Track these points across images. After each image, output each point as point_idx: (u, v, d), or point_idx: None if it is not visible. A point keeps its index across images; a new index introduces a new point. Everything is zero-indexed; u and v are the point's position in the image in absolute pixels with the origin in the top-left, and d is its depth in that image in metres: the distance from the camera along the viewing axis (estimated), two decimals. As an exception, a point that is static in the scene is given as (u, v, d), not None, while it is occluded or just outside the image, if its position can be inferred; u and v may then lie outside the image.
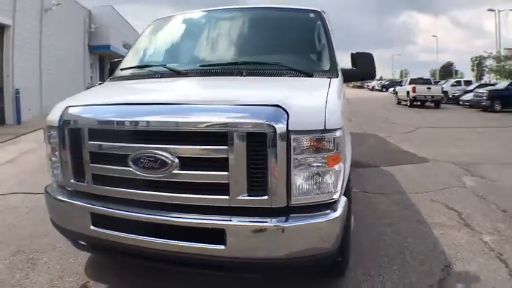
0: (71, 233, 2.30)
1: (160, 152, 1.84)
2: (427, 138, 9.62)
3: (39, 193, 4.64)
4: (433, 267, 2.76)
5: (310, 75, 2.56)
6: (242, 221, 1.80)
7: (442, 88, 24.99)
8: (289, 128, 1.76)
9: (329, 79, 2.55)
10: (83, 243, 2.30)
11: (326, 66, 2.77)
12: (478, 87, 25.60)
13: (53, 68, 14.97)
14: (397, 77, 76.16)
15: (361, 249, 2.96)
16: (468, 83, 30.65)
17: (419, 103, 22.78)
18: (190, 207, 1.88)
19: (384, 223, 3.67)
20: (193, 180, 1.85)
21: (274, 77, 2.52)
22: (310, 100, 2.02)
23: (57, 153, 2.25)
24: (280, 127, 1.75)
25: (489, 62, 39.53)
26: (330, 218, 1.87)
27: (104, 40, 20.50)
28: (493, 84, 26.66)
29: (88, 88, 15.75)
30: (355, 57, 2.96)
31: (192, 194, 1.87)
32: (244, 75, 2.51)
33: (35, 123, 11.02)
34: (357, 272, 2.66)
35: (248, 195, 1.81)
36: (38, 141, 9.28)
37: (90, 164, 2.07)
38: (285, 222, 1.80)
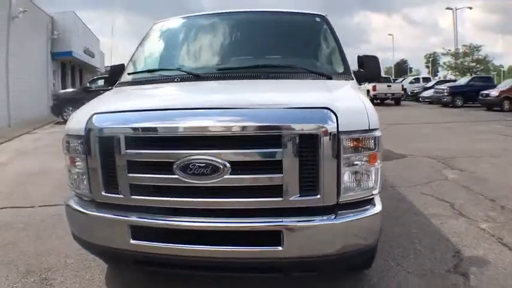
0: (103, 250, 2.17)
1: (211, 158, 1.83)
2: (398, 135, 10.11)
3: (29, 207, 4.50)
4: (444, 254, 2.98)
5: (329, 78, 2.68)
6: (299, 221, 1.87)
7: (403, 86, 26.42)
8: (339, 129, 1.86)
9: (348, 81, 2.71)
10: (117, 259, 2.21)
11: (340, 68, 2.91)
12: (437, 83, 27.33)
13: (20, 77, 14.50)
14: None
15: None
16: (426, 80, 32.60)
17: (379, 101, 23.85)
18: (242, 212, 1.91)
19: (384, 216, 3.89)
20: (246, 184, 1.88)
21: (298, 80, 2.61)
22: (350, 102, 2.13)
23: (82, 164, 2.14)
24: (332, 128, 1.85)
25: (447, 59, 42.07)
26: (375, 213, 2.00)
27: (66, 46, 20.52)
28: (451, 81, 28.57)
29: (55, 95, 15.12)
30: (363, 60, 3.12)
31: (244, 198, 1.90)
32: (268, 79, 2.59)
33: (5, 134, 10.40)
34: (376, 263, 2.81)
35: (300, 196, 1.88)
36: (9, 151, 8.79)
37: (128, 174, 1.98)
38: (338, 219, 1.90)
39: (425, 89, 26.79)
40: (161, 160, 1.93)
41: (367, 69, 3.08)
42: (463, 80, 24.87)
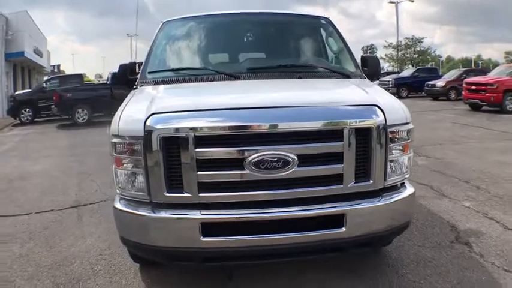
0: (166, 251, 2.21)
1: (282, 153, 2.05)
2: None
3: (25, 214, 4.35)
4: (442, 228, 3.51)
5: (348, 77, 3.04)
6: (359, 204, 2.19)
7: (348, 78, 27.96)
8: (387, 123, 2.21)
9: (364, 79, 3.09)
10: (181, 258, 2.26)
11: (352, 67, 3.27)
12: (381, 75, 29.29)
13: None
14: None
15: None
16: (369, 72, 34.64)
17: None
18: (306, 200, 2.17)
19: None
20: (312, 175, 2.15)
21: (324, 79, 2.94)
22: (388, 99, 2.48)
23: (138, 165, 2.17)
24: (381, 123, 2.19)
25: (388, 51, 45.08)
26: (411, 193, 2.40)
27: (19, 47, 19.99)
28: (393, 73, 30.71)
29: (12, 97, 14.27)
30: (366, 60, 3.49)
31: (310, 187, 2.16)
32: (295, 78, 2.86)
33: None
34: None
35: (355, 182, 2.20)
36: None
37: (197, 173, 2.07)
38: (386, 200, 2.26)
39: (369, 80, 28.50)
40: (232, 157, 2.08)
41: (370, 68, 3.45)
42: (407, 72, 26.86)
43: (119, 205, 2.31)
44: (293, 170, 2.09)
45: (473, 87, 14.13)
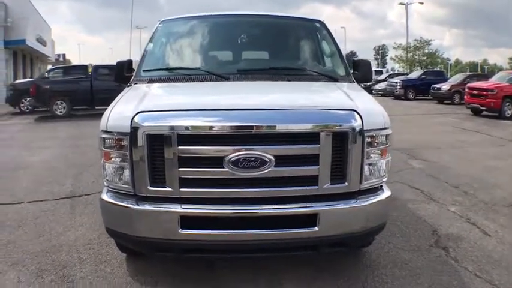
0: (148, 241, 2.34)
1: (260, 153, 2.19)
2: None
3: (17, 203, 4.48)
4: (424, 232, 3.63)
5: (336, 80, 3.15)
6: (332, 205, 2.33)
7: (356, 77, 27.94)
8: (364, 128, 2.33)
9: (352, 83, 3.21)
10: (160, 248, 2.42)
11: (342, 71, 3.38)
12: (389, 77, 29.24)
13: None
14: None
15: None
16: (379, 72, 34.63)
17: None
18: (281, 199, 2.31)
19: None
20: (288, 175, 2.28)
21: (313, 82, 3.08)
22: (368, 104, 2.60)
23: (124, 160, 2.32)
24: (358, 127, 2.31)
25: (398, 53, 44.91)
26: (387, 196, 2.52)
27: (20, 34, 20.05)
28: (402, 74, 30.65)
29: (12, 85, 14.44)
30: (357, 64, 3.59)
31: (286, 187, 2.30)
32: (284, 80, 3.00)
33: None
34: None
35: (331, 184, 2.33)
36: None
37: (179, 169, 2.22)
38: (360, 202, 2.38)
39: (378, 81, 28.45)
40: (212, 155, 2.22)
41: (361, 72, 3.57)
42: (415, 74, 26.86)
43: (105, 197, 2.46)
44: (270, 169, 2.22)
45: (475, 92, 14.22)
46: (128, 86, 3.16)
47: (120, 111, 2.47)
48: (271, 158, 2.22)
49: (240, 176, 2.24)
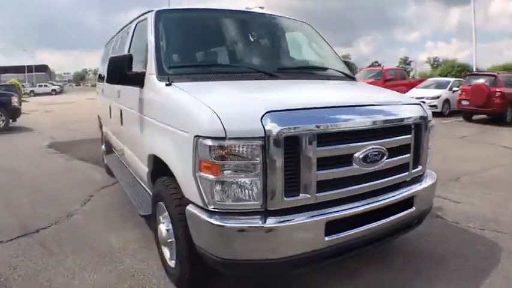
0: (286, 261, 2.12)
1: (379, 146, 2.36)
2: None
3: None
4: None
5: (354, 79, 3.64)
6: (421, 186, 2.72)
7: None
8: (428, 118, 2.81)
9: (363, 82, 3.77)
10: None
11: (347, 71, 3.71)
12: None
13: None
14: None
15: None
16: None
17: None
18: (389, 188, 2.53)
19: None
20: (394, 165, 2.52)
21: (347, 81, 3.47)
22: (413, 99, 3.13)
23: (252, 170, 2.01)
24: (428, 118, 2.79)
25: None
26: (436, 180, 3.02)
27: None
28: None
29: None
30: (348, 64, 4.04)
31: (393, 176, 2.53)
32: (327, 79, 3.36)
33: None
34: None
35: (413, 169, 2.71)
36: None
37: (317, 172, 2.12)
38: (431, 181, 2.86)
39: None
40: (346, 153, 2.25)
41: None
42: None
43: (216, 221, 2.06)
44: (385, 161, 2.43)
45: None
46: (167, 85, 2.64)
47: (236, 113, 2.12)
48: (385, 150, 2.43)
49: (366, 171, 2.35)
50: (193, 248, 2.30)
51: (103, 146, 6.16)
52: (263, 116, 2.06)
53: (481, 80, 13.41)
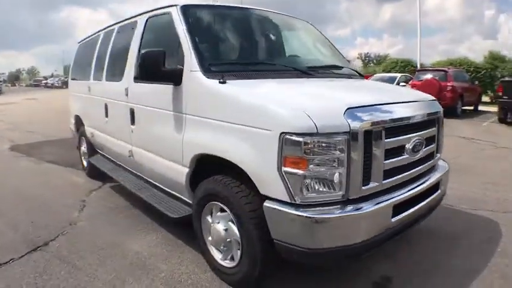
0: (364, 245, 2.31)
1: (421, 138, 2.72)
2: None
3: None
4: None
5: (363, 77, 3.97)
6: (444, 171, 3.16)
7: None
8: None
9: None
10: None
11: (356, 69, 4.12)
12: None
13: None
14: (61, 73, 75.87)
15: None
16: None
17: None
18: (424, 174, 2.90)
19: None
20: (427, 153, 2.88)
21: (361, 79, 3.78)
22: None
23: (339, 163, 2.18)
24: (442, 112, 3.18)
25: None
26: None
27: None
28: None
29: None
30: None
31: (427, 162, 2.90)
32: (350, 78, 3.65)
33: None
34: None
35: (435, 156, 3.12)
36: None
37: (384, 162, 2.38)
38: (446, 167, 3.29)
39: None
40: (402, 144, 2.56)
41: None
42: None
43: (306, 213, 2.18)
44: (424, 150, 2.79)
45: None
46: (221, 83, 2.66)
47: (324, 108, 2.30)
48: (424, 140, 2.78)
49: (413, 159, 2.69)
50: (267, 244, 2.40)
51: (83, 148, 5.90)
52: (345, 111, 2.26)
53: (430, 75, 14.58)
